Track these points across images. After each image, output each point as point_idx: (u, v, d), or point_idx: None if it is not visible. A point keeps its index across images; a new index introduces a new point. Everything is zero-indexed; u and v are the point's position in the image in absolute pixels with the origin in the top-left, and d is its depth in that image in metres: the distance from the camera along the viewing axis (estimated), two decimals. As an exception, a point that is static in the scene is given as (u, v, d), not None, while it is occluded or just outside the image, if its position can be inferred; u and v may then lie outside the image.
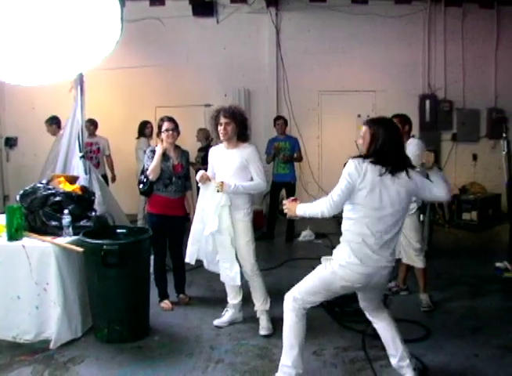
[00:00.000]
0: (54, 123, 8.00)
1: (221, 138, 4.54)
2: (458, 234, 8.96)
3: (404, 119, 5.29)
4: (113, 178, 8.75)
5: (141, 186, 5.15)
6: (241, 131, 4.57)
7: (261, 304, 4.65)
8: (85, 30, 4.89)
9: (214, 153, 4.76)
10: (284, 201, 3.66)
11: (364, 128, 3.44)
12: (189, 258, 4.70)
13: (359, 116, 10.71)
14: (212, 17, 10.72)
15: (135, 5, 10.09)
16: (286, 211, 3.61)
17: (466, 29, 10.48)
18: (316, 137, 10.84)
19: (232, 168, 4.50)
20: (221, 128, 4.48)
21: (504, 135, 10.31)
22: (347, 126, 10.61)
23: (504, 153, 10.35)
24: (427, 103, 10.54)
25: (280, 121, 8.48)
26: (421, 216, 5.22)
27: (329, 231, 8.75)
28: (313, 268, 6.50)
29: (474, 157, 10.71)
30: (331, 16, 10.47)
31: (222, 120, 4.47)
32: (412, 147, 5.05)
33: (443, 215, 9.64)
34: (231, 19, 10.66)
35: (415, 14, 10.46)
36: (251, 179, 4.57)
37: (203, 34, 10.74)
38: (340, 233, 3.49)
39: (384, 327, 3.64)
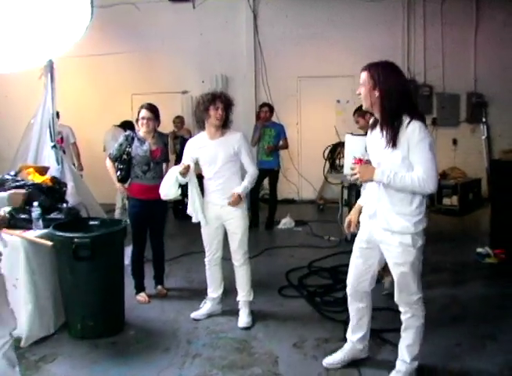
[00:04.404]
0: None
1: (215, 123, 4.32)
2: (438, 219, 8.91)
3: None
4: (80, 167, 8.46)
5: (118, 173, 5.03)
6: (227, 118, 4.42)
7: (245, 294, 4.53)
8: (54, 15, 4.75)
9: (195, 144, 4.53)
10: (352, 164, 3.16)
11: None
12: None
13: (339, 101, 10.64)
14: (188, 2, 10.53)
15: (109, -11, 9.86)
16: (356, 176, 3.11)
17: (445, 13, 10.38)
18: (295, 123, 10.71)
19: (222, 159, 4.33)
20: (217, 113, 4.28)
21: (484, 119, 10.44)
22: (327, 112, 10.55)
23: (484, 137, 10.45)
24: (407, 87, 10.45)
25: (265, 109, 8.32)
26: None
27: (309, 218, 8.69)
28: (293, 256, 6.56)
29: (454, 142, 10.68)
30: (309, 2, 10.32)
31: (220, 104, 4.30)
32: None
33: (424, 200, 9.60)
34: (207, 3, 10.46)
35: (394, -1, 10.35)
36: (239, 169, 4.45)
37: (179, 19, 10.55)
38: (321, 220, 3.42)
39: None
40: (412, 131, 2.96)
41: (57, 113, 8.07)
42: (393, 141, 3.01)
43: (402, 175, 2.98)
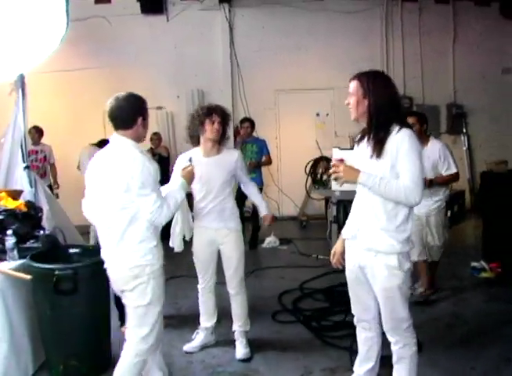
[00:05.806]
0: None
1: (210, 136, 4.03)
2: (426, 233, 8.74)
3: (420, 117, 5.10)
4: (56, 185, 8.51)
5: None
6: (224, 135, 4.19)
7: (241, 324, 4.21)
8: (26, 25, 4.41)
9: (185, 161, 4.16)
10: (333, 162, 2.93)
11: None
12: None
13: (318, 115, 10.44)
14: (162, 15, 10.27)
15: (79, 3, 9.44)
16: (337, 175, 2.89)
17: (423, 24, 10.42)
18: (274, 138, 10.43)
19: (219, 180, 4.03)
20: (213, 127, 4.01)
21: (464, 130, 10.37)
22: (306, 125, 10.33)
23: (465, 148, 10.35)
24: (387, 99, 10.33)
25: (246, 124, 8.01)
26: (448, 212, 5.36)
27: (293, 236, 8.43)
28: (283, 278, 6.24)
29: (436, 154, 10.55)
30: (286, 13, 10.16)
31: (216, 118, 4.04)
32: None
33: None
34: (182, 16, 10.22)
35: (372, 9, 10.29)
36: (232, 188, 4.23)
37: (153, 32, 10.26)
38: (305, 238, 3.15)
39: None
40: (402, 139, 2.82)
41: (41, 131, 7.90)
42: (379, 150, 2.85)
43: (387, 180, 2.80)
